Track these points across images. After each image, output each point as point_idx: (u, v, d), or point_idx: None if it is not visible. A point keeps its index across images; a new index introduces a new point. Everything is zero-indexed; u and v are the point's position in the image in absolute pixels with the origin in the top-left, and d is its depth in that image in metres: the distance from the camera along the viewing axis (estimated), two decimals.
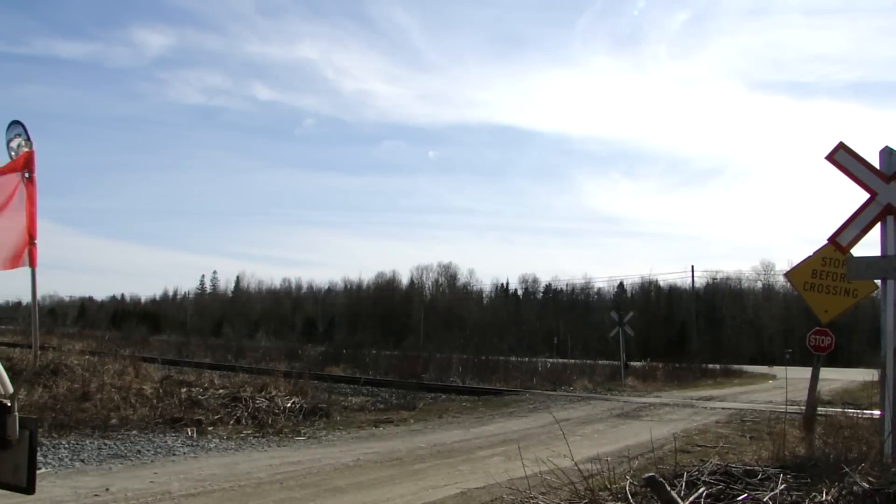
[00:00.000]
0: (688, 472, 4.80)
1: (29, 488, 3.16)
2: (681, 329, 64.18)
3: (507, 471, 6.72)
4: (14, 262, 3.61)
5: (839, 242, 6.34)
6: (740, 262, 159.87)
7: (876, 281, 6.94)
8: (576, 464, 4.99)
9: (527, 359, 28.90)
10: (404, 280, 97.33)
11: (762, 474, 4.79)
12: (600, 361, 29.53)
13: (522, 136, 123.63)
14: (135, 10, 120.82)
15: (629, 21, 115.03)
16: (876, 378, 9.75)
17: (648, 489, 4.27)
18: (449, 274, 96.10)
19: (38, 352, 4.19)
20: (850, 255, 6.77)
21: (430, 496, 5.91)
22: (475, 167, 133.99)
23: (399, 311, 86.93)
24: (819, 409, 9.68)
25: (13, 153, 3.99)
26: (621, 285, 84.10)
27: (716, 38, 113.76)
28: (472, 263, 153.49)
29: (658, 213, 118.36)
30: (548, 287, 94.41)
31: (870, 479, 4.33)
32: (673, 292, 78.42)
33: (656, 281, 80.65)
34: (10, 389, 3.33)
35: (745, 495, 4.32)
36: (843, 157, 6.29)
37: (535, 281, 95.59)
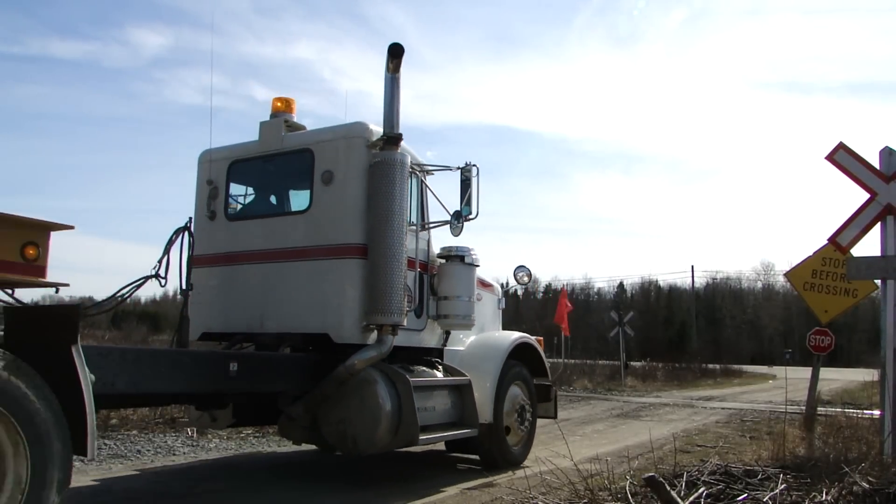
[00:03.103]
0: (688, 472, 4.80)
1: (555, 416, 8.22)
2: (681, 329, 64.19)
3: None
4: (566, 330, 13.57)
5: (839, 242, 6.35)
6: (740, 262, 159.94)
7: (876, 281, 6.95)
8: (575, 464, 4.99)
9: None
10: None
11: (762, 474, 4.79)
12: (600, 361, 29.53)
13: (520, 135, 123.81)
14: (131, 9, 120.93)
15: (626, 19, 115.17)
16: (876, 378, 9.74)
17: (648, 489, 4.27)
18: None
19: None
20: (850, 255, 6.77)
21: (430, 497, 5.92)
22: None
23: None
24: (819, 409, 9.68)
25: (517, 280, 8.57)
26: (621, 285, 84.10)
27: (714, 37, 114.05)
28: None
29: (657, 213, 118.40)
30: (547, 287, 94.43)
31: (870, 478, 4.34)
32: (673, 292, 78.49)
33: (656, 281, 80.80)
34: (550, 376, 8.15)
35: (745, 495, 4.32)
36: (842, 157, 6.29)
37: (535, 281, 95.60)
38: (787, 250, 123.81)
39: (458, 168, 6.77)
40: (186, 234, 5.44)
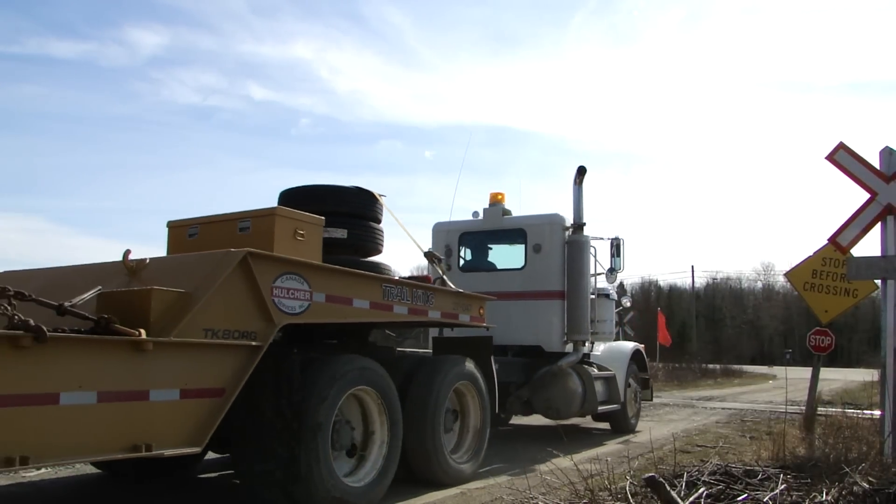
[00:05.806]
0: (688, 473, 4.80)
1: (651, 399, 12.40)
2: (681, 329, 64.11)
3: (507, 471, 6.72)
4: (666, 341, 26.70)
5: (839, 242, 6.34)
6: (740, 262, 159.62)
7: (876, 281, 6.94)
8: (575, 464, 4.99)
9: None
10: None
11: (762, 474, 4.79)
12: None
13: (518, 135, 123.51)
14: (128, 8, 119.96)
15: (624, 19, 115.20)
16: (876, 378, 9.74)
17: (648, 489, 4.27)
18: None
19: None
20: (850, 255, 6.76)
21: (430, 496, 5.91)
22: (473, 167, 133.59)
23: None
24: (819, 409, 9.67)
25: (622, 304, 13.48)
26: (621, 285, 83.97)
27: (712, 36, 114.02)
28: None
29: (657, 213, 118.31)
30: None
31: (870, 479, 4.33)
32: (673, 292, 78.40)
33: (656, 281, 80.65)
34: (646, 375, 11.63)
35: (746, 495, 4.32)
36: (843, 157, 6.29)
37: None
38: (787, 250, 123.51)
39: (610, 239, 10.08)
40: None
